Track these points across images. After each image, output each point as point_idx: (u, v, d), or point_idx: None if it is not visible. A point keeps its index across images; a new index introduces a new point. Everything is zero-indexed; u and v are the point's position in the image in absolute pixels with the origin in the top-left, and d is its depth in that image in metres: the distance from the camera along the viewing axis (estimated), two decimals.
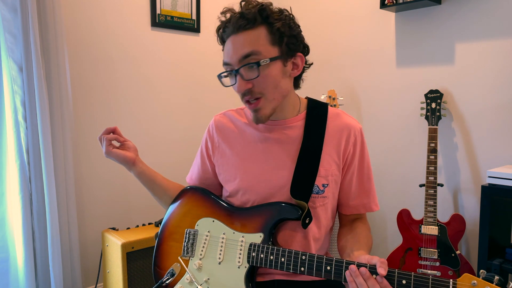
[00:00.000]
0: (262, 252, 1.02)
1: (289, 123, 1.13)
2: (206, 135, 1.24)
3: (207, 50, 2.71)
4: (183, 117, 2.62)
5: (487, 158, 2.03)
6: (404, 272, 0.87)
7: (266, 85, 1.03)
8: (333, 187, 1.13)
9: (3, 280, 1.94)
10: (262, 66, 1.01)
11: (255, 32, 1.02)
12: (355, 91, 2.57)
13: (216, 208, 1.15)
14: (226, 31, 1.05)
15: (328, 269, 0.94)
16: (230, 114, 1.23)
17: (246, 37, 1.02)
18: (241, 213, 1.11)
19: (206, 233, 1.12)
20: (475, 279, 0.82)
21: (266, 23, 1.02)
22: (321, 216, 1.14)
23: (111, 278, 2.08)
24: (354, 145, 1.14)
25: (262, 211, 1.08)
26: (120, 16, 2.32)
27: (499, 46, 1.97)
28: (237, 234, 1.08)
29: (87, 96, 2.24)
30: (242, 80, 1.02)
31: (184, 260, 1.13)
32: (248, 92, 1.04)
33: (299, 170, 1.08)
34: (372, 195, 1.19)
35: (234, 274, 1.05)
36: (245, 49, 1.01)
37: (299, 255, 0.98)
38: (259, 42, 1.02)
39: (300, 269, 0.98)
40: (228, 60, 1.04)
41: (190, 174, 1.31)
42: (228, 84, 1.08)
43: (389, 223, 2.44)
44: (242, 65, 1.02)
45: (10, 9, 1.87)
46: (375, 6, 2.38)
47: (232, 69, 1.04)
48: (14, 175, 1.91)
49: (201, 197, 1.19)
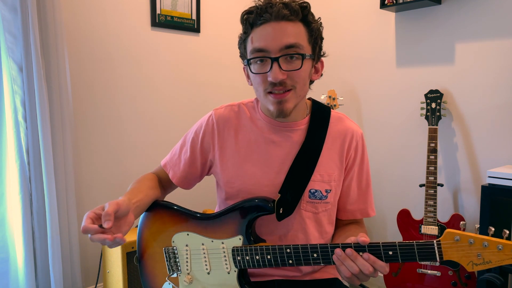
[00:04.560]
0: (246, 254, 1.00)
1: (295, 126, 1.11)
2: (203, 129, 1.16)
3: (207, 50, 2.71)
4: (183, 117, 2.62)
5: (487, 158, 2.03)
6: (388, 243, 0.87)
7: (300, 80, 1.01)
8: (335, 192, 1.12)
9: (3, 280, 1.94)
10: (305, 60, 1.00)
11: (297, 26, 1.00)
12: (355, 91, 2.57)
13: (186, 220, 1.09)
14: (264, 16, 0.99)
15: (315, 256, 0.93)
16: (234, 109, 1.16)
17: (290, 27, 0.99)
18: (212, 220, 1.06)
19: (185, 247, 1.07)
20: (458, 233, 0.81)
21: (305, 20, 1.01)
22: (324, 222, 1.13)
23: (111, 278, 2.08)
24: (356, 150, 1.14)
25: (233, 213, 1.04)
26: (120, 16, 2.32)
27: (499, 46, 1.97)
28: (216, 242, 1.04)
29: (87, 96, 2.23)
30: (279, 70, 0.98)
31: (172, 279, 1.09)
32: (280, 83, 0.99)
33: (293, 171, 1.07)
34: (369, 200, 1.18)
35: (226, 280, 1.03)
36: (290, 39, 0.98)
37: (283, 249, 0.96)
38: (301, 36, 1.00)
39: (288, 262, 0.96)
40: (264, 46, 0.99)
41: (173, 170, 1.20)
42: (258, 71, 1.01)
43: (389, 223, 2.44)
44: (284, 54, 0.98)
45: (10, 9, 1.87)
46: (375, 6, 2.38)
47: (267, 56, 0.99)
48: (14, 175, 1.91)
49: (166, 212, 1.12)
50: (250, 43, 1.02)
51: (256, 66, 1.02)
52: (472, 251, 0.80)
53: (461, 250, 0.81)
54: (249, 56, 1.03)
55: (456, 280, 1.94)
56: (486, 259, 0.79)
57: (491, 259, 0.79)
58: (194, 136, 1.18)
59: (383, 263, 0.87)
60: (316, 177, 1.08)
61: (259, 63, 1.01)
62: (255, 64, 1.02)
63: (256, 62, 1.01)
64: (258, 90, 1.04)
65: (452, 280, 1.95)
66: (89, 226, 0.86)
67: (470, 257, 0.81)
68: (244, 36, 1.05)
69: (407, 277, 2.06)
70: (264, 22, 0.99)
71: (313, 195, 1.09)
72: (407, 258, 0.86)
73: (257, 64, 1.01)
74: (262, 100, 1.05)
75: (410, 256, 0.85)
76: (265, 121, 1.12)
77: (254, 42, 1.01)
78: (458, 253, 0.82)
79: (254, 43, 1.01)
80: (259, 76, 1.01)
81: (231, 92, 2.85)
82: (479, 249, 0.80)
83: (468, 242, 0.81)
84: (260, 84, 1.02)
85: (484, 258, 0.80)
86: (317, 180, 1.08)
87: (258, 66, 1.01)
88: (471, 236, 0.80)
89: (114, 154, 2.35)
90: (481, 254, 0.80)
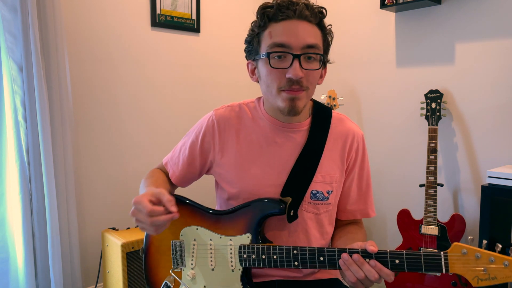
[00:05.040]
0: (253, 253, 1.01)
1: (298, 127, 1.11)
2: (203, 130, 1.15)
3: (207, 50, 2.71)
4: (183, 117, 2.62)
5: (487, 158, 2.03)
6: (395, 252, 0.88)
7: (314, 81, 1.02)
8: (336, 193, 1.13)
9: (3, 280, 1.94)
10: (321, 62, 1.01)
11: (315, 28, 1.01)
12: (355, 91, 2.57)
13: (197, 215, 1.10)
14: (286, 13, 0.98)
15: (321, 259, 0.94)
16: (235, 110, 1.15)
17: (311, 28, 0.99)
18: (223, 216, 1.07)
19: (193, 242, 1.08)
20: (465, 247, 0.82)
21: (321, 25, 1.02)
22: (325, 222, 1.13)
23: (111, 278, 2.08)
24: (357, 151, 1.14)
25: (244, 211, 1.05)
26: (120, 16, 2.32)
27: (499, 46, 1.97)
28: (224, 239, 1.05)
29: (87, 96, 2.23)
30: (300, 67, 0.97)
31: (176, 272, 1.10)
32: (298, 82, 0.98)
33: (295, 172, 1.07)
34: (369, 201, 1.19)
35: (229, 278, 1.03)
36: (312, 39, 0.98)
37: (290, 250, 0.97)
38: (318, 39, 1.01)
39: (294, 263, 0.97)
40: (287, 41, 0.97)
41: (172, 169, 1.21)
42: (278, 66, 0.99)
43: (389, 223, 2.44)
44: (305, 53, 0.98)
45: (10, 9, 1.87)
46: (375, 6, 2.38)
47: (289, 51, 0.97)
48: (14, 175, 1.91)
49: (178, 205, 1.12)
50: (269, 37, 1.00)
51: (273, 61, 0.99)
52: (478, 265, 0.81)
53: (467, 264, 0.82)
54: (267, 50, 1.00)
55: (456, 280, 1.94)
56: (492, 274, 0.80)
57: (497, 275, 0.80)
58: (194, 137, 1.17)
59: (389, 271, 0.87)
60: (318, 178, 1.09)
61: (277, 58, 0.99)
62: (272, 59, 0.99)
63: (274, 57, 0.99)
64: (270, 86, 1.02)
65: (452, 280, 1.95)
66: (156, 208, 0.90)
67: (476, 271, 0.81)
68: (259, 30, 1.03)
69: (407, 277, 2.06)
70: (286, 18, 0.98)
71: (314, 196, 1.09)
72: (413, 268, 0.86)
73: (275, 59, 0.99)
74: (273, 97, 1.03)
75: (416, 266, 0.86)
76: (268, 121, 1.11)
77: (274, 36, 0.99)
78: (464, 266, 0.82)
79: (274, 37, 0.99)
80: (276, 72, 0.99)
81: (231, 92, 2.85)
82: (485, 264, 0.81)
83: (475, 256, 0.81)
84: (274, 80, 1.00)
85: (490, 273, 0.80)
86: (318, 181, 1.09)
87: (276, 61, 0.99)
88: (478, 250, 0.81)
89: (114, 154, 2.35)
90: (487, 269, 0.80)
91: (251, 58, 1.07)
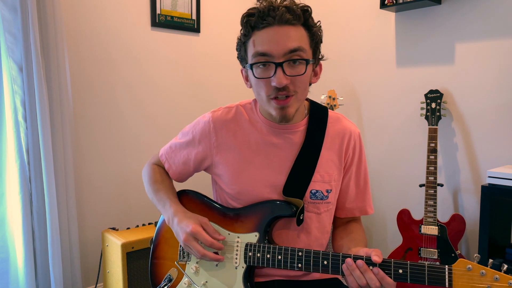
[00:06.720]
0: (258, 252, 1.02)
1: (295, 128, 1.11)
2: (200, 132, 1.15)
3: (207, 50, 2.71)
4: (183, 117, 2.62)
5: (487, 158, 2.03)
6: (400, 262, 0.88)
7: (302, 84, 1.01)
8: (335, 192, 1.13)
9: (3, 280, 1.94)
10: (308, 65, 1.00)
11: (299, 30, 0.99)
12: (355, 91, 2.57)
13: (209, 210, 1.13)
14: (267, 20, 0.97)
15: (325, 263, 0.94)
16: (232, 112, 1.15)
17: (293, 32, 0.97)
18: (234, 213, 1.10)
19: None
20: (470, 263, 0.82)
21: (306, 25, 1.01)
22: (326, 221, 1.14)
23: (111, 278, 2.08)
24: (354, 149, 1.15)
25: (255, 210, 1.07)
26: (120, 16, 2.32)
27: (499, 46, 1.97)
28: (232, 235, 1.07)
29: (87, 96, 2.23)
30: (283, 75, 0.97)
31: (181, 264, 1.12)
32: (284, 88, 0.98)
33: (294, 173, 1.08)
34: (367, 198, 1.20)
35: (232, 275, 1.05)
36: (294, 44, 0.97)
37: (295, 251, 0.98)
38: (303, 40, 0.99)
39: (297, 265, 0.98)
40: (268, 50, 0.97)
41: (168, 163, 1.22)
42: (262, 76, 0.99)
43: (389, 223, 2.45)
44: (289, 59, 0.97)
45: (10, 9, 1.87)
46: (375, 6, 2.38)
47: (271, 60, 0.97)
48: (14, 175, 1.91)
49: (194, 200, 1.17)
50: (252, 46, 1.00)
51: (258, 71, 1.00)
52: (482, 282, 0.81)
53: (471, 280, 0.82)
54: (251, 60, 1.01)
55: None
56: None
57: None
58: (190, 137, 1.18)
59: (391, 280, 0.87)
60: (317, 178, 1.09)
61: (262, 67, 0.99)
62: (257, 68, 1.00)
63: (258, 67, 1.00)
64: (260, 95, 1.03)
65: None
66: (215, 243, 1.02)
67: None
68: (245, 39, 1.03)
69: None
70: (266, 26, 0.97)
71: (314, 196, 1.09)
72: (416, 279, 0.86)
73: (260, 68, 1.00)
74: (265, 105, 1.04)
75: (420, 278, 0.86)
76: (265, 124, 1.12)
77: (256, 45, 0.99)
78: (468, 282, 0.82)
79: (257, 46, 0.99)
80: (262, 81, 1.00)
81: (231, 92, 2.85)
82: (490, 281, 0.81)
83: (480, 273, 0.81)
84: (262, 88, 1.01)
85: None
86: (317, 181, 1.09)
87: (261, 70, 1.00)
88: (483, 268, 0.82)
89: (114, 154, 2.35)
90: (491, 287, 0.80)
91: (243, 66, 1.08)
